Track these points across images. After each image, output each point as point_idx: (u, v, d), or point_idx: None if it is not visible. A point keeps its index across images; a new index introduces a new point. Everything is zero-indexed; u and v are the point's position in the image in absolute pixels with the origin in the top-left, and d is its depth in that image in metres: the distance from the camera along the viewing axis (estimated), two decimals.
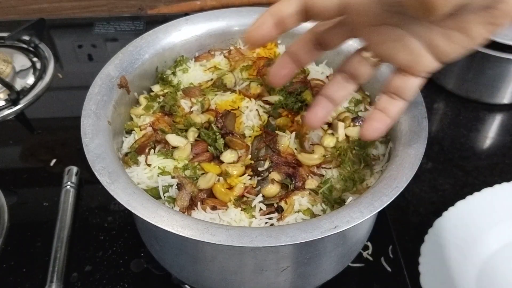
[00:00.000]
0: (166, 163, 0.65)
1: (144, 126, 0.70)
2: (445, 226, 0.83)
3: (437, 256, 0.80)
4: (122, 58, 0.72)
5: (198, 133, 0.68)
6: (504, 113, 1.10)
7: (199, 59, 0.80)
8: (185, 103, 0.73)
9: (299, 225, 0.54)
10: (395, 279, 0.80)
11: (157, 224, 0.53)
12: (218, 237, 0.52)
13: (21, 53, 1.18)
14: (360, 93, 0.75)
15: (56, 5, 1.40)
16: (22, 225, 0.86)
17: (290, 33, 0.79)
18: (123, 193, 0.55)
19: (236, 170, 0.64)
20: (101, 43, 1.24)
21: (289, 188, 0.64)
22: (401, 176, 0.57)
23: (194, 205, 0.62)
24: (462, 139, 1.05)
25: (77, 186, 0.89)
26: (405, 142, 0.62)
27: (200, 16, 0.80)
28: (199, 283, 0.70)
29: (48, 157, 0.97)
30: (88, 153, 0.59)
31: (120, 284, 0.78)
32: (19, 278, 0.79)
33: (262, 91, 0.74)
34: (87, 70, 1.17)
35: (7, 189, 0.90)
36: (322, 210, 0.62)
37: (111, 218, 0.87)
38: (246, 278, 0.65)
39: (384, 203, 0.55)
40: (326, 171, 0.66)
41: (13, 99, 1.06)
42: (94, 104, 0.65)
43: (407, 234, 0.85)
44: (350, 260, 0.73)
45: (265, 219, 0.61)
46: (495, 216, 0.86)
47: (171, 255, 0.68)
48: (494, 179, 0.94)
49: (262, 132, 0.69)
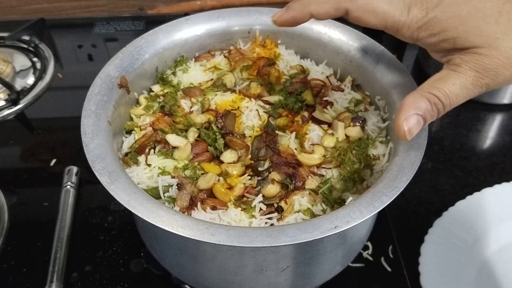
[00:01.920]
0: (166, 163, 0.65)
1: (144, 126, 0.70)
2: (445, 226, 0.83)
3: (437, 256, 0.80)
4: (122, 58, 0.72)
5: (198, 133, 0.68)
6: (504, 113, 1.10)
7: (199, 59, 0.80)
8: (185, 103, 0.73)
9: (299, 225, 0.54)
10: (395, 279, 0.80)
11: (157, 224, 0.53)
12: (218, 237, 0.52)
13: (21, 53, 1.18)
14: (360, 93, 0.75)
15: (56, 5, 1.40)
16: (22, 225, 0.86)
17: (290, 33, 0.80)
18: (123, 193, 0.55)
19: (236, 170, 0.64)
20: (101, 43, 1.24)
21: (289, 188, 0.64)
22: (401, 176, 0.57)
23: (194, 205, 0.62)
24: (462, 139, 1.05)
25: (77, 186, 0.89)
26: (405, 142, 0.62)
27: (200, 16, 0.79)
28: (199, 283, 0.70)
29: (48, 157, 0.97)
30: (88, 153, 0.59)
31: (120, 284, 0.78)
32: (19, 278, 0.79)
33: (262, 91, 0.74)
34: (87, 70, 1.17)
35: (7, 189, 0.90)
36: (322, 210, 0.62)
37: (111, 218, 0.87)
38: (246, 278, 0.65)
39: (384, 203, 0.55)
40: (326, 171, 0.66)
41: (13, 99, 1.06)
42: (94, 104, 0.65)
43: (407, 234, 0.85)
44: (350, 260, 0.73)
45: (265, 219, 0.61)
46: (495, 216, 0.86)
47: (171, 255, 0.68)
48: (494, 179, 0.94)
49: (262, 132, 0.69)
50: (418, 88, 0.54)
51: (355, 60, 0.75)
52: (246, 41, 0.82)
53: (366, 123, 0.71)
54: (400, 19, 0.53)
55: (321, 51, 0.79)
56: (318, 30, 0.78)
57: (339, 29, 0.77)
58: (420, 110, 0.52)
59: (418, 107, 0.52)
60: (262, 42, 0.81)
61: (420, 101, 0.52)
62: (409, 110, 0.53)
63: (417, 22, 0.53)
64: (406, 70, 0.70)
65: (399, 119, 0.53)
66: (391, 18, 0.53)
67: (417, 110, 0.52)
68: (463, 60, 0.51)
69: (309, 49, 0.80)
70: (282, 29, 0.79)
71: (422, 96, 0.53)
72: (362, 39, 0.75)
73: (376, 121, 0.71)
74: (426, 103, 0.52)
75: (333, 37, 0.77)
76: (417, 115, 0.53)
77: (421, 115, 0.53)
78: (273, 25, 0.78)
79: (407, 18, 0.53)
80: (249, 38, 0.81)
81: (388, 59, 0.72)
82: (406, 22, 0.53)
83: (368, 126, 0.71)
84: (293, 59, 0.80)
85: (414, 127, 0.53)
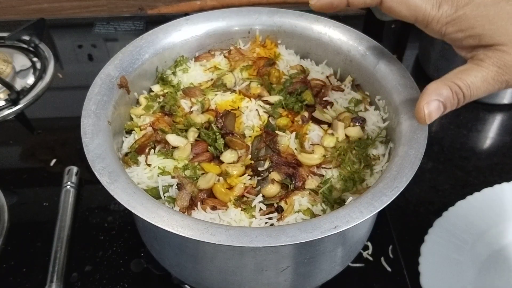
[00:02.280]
0: (166, 163, 0.65)
1: (144, 126, 0.70)
2: (445, 226, 0.83)
3: (437, 256, 0.80)
4: (122, 58, 0.72)
5: (198, 133, 0.68)
6: (504, 113, 1.10)
7: (199, 59, 0.80)
8: (185, 103, 0.73)
9: (299, 225, 0.54)
10: (395, 279, 0.80)
11: (157, 224, 0.53)
12: (218, 237, 0.52)
13: (21, 53, 1.18)
14: (360, 93, 0.75)
15: (56, 5, 1.40)
16: (22, 225, 0.86)
17: (290, 33, 0.80)
18: (123, 193, 0.55)
19: (236, 170, 0.64)
20: (101, 43, 1.24)
21: (289, 188, 0.64)
22: (401, 176, 0.57)
23: (194, 205, 0.62)
24: (462, 139, 1.05)
25: (77, 186, 0.89)
26: (405, 142, 0.62)
27: (200, 16, 0.79)
28: (199, 283, 0.70)
29: (48, 157, 0.97)
30: (88, 153, 0.59)
31: (120, 284, 0.78)
32: (19, 278, 0.79)
33: (262, 91, 0.74)
34: (87, 70, 1.17)
35: (7, 189, 0.90)
36: (322, 210, 0.62)
37: (111, 218, 0.87)
38: (246, 278, 0.65)
39: (384, 203, 0.55)
40: (326, 171, 0.66)
41: (13, 99, 1.06)
42: (94, 104, 0.65)
43: (407, 234, 0.85)
44: (350, 260, 0.73)
45: (265, 219, 0.61)
46: (495, 216, 0.86)
47: (171, 255, 0.68)
48: (494, 179, 0.94)
49: (262, 132, 0.69)
50: (442, 78, 0.56)
51: (355, 60, 0.75)
52: (246, 41, 0.82)
53: (366, 123, 0.71)
54: (431, 13, 0.56)
55: (321, 51, 0.79)
56: (318, 30, 0.78)
57: (339, 29, 0.77)
58: (441, 97, 0.55)
59: (440, 93, 0.55)
60: (262, 42, 0.81)
61: (443, 88, 0.55)
62: (431, 95, 0.55)
63: (446, 17, 0.55)
64: (406, 70, 0.70)
65: (420, 102, 0.55)
66: (422, 12, 0.56)
67: (439, 96, 0.55)
68: (487, 56, 0.54)
69: (309, 49, 0.80)
70: (282, 29, 0.79)
71: (445, 84, 0.55)
72: (362, 39, 0.75)
73: (376, 121, 0.71)
74: (448, 91, 0.54)
75: (333, 37, 0.77)
76: (438, 101, 0.55)
77: (442, 101, 0.55)
78: (273, 25, 0.78)
79: (437, 13, 0.55)
80: (249, 38, 0.81)
81: (388, 59, 0.72)
82: (436, 17, 0.56)
83: (368, 126, 0.71)
84: (293, 59, 0.80)
85: (434, 112, 0.55)
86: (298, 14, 0.80)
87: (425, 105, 0.55)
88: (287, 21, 0.80)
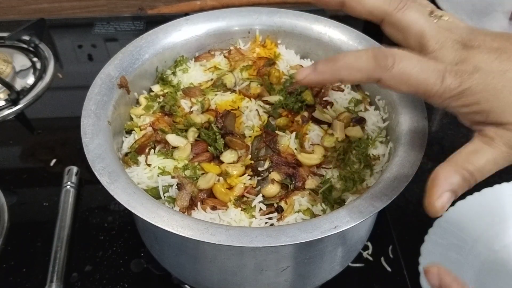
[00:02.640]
0: (166, 163, 0.65)
1: (144, 126, 0.70)
2: (445, 226, 0.83)
3: (437, 256, 0.80)
4: (122, 58, 0.72)
5: (198, 133, 0.68)
6: None
7: (199, 59, 0.80)
8: (185, 103, 0.73)
9: (299, 225, 0.54)
10: (395, 279, 0.80)
11: (157, 224, 0.53)
12: (218, 237, 0.52)
13: (21, 53, 1.18)
14: (360, 93, 0.75)
15: (56, 5, 1.40)
16: (22, 225, 0.86)
17: (290, 33, 0.80)
18: (123, 193, 0.55)
19: (236, 170, 0.64)
20: (101, 43, 1.24)
21: (289, 188, 0.64)
22: (401, 176, 0.57)
23: (194, 205, 0.62)
24: (462, 139, 1.04)
25: (77, 186, 0.89)
26: (405, 142, 0.62)
27: (200, 16, 0.80)
28: (199, 283, 0.70)
29: (48, 157, 0.97)
30: (88, 153, 0.59)
31: (120, 284, 0.78)
32: (19, 278, 0.79)
33: (262, 91, 0.74)
34: (87, 70, 1.17)
35: (7, 189, 0.90)
36: (322, 210, 0.62)
37: (111, 218, 0.87)
38: (246, 278, 0.65)
39: (384, 203, 0.55)
40: (326, 171, 0.66)
41: (13, 99, 1.06)
42: (94, 104, 0.65)
43: (407, 234, 0.85)
44: (350, 260, 0.73)
45: (265, 219, 0.61)
46: (495, 216, 0.86)
47: (171, 255, 0.68)
48: (494, 179, 0.93)
49: (262, 132, 0.69)
50: (451, 160, 0.52)
51: None
52: (246, 41, 0.82)
53: (366, 123, 0.71)
54: (433, 88, 0.51)
55: (321, 51, 0.79)
56: (318, 30, 0.78)
57: (339, 29, 0.77)
58: (453, 186, 0.51)
59: (452, 183, 0.51)
60: (262, 42, 0.81)
61: (454, 176, 0.51)
62: (443, 186, 0.51)
63: (449, 92, 0.50)
64: None
65: (432, 196, 0.51)
66: (423, 87, 0.51)
67: (451, 186, 0.51)
68: (497, 135, 0.50)
69: (309, 49, 0.80)
70: (282, 29, 0.80)
71: (456, 172, 0.51)
72: (362, 39, 0.75)
73: (376, 121, 0.71)
74: (459, 179, 0.51)
75: (333, 37, 0.77)
76: (450, 192, 0.51)
77: (454, 190, 0.51)
78: (273, 25, 0.78)
79: (440, 88, 0.50)
80: (249, 38, 0.81)
81: None
82: (438, 92, 0.51)
83: (368, 126, 0.71)
84: (293, 59, 0.80)
85: (447, 204, 0.51)
86: (298, 14, 0.80)
87: (438, 200, 0.51)
88: (287, 21, 0.80)
